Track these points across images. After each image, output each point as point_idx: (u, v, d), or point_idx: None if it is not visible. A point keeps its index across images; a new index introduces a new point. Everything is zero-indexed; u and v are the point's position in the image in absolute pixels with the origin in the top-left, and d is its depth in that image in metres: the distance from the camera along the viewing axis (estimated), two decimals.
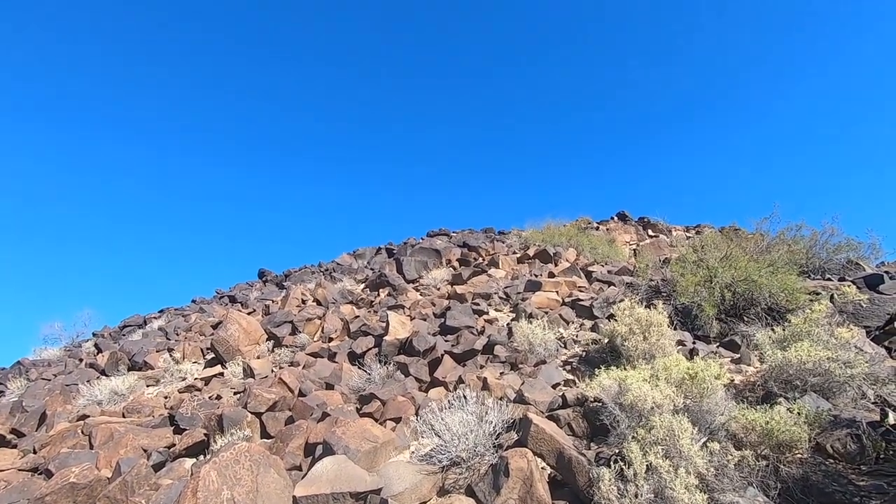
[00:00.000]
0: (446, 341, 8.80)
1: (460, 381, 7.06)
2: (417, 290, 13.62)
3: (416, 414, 6.22)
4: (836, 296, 7.92)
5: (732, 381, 6.26)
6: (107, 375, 10.68)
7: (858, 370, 5.34)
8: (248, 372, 9.18)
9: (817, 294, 8.31)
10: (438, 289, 13.37)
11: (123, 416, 7.93)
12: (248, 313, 14.14)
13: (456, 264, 15.54)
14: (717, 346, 7.57)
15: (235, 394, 8.33)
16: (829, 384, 5.38)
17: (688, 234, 19.19)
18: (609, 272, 12.59)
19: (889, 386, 5.53)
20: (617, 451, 4.46)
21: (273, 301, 15.02)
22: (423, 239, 19.39)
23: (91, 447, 6.60)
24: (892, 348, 6.72)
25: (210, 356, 10.90)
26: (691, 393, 4.81)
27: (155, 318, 17.70)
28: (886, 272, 9.98)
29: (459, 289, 11.95)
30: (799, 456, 4.56)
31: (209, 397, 8.26)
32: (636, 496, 3.67)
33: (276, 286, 19.57)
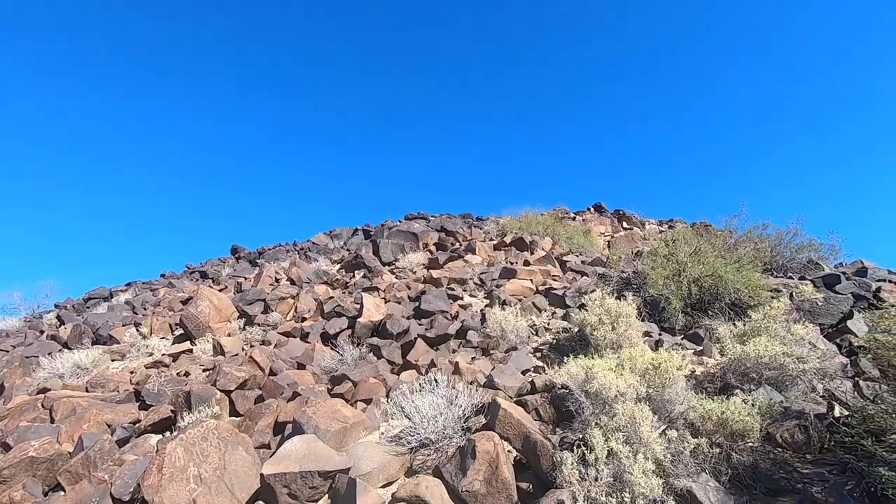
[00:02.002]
0: (420, 325, 8.85)
1: (432, 364, 7.14)
2: (393, 273, 13.61)
3: (388, 396, 6.28)
4: (794, 294, 8.27)
5: (694, 372, 6.50)
6: (69, 348, 10.39)
7: (810, 365, 5.63)
8: (219, 349, 9.07)
9: (778, 291, 8.66)
10: (414, 272, 13.39)
11: (87, 391, 7.76)
12: (220, 290, 13.90)
13: (433, 248, 15.57)
14: (682, 339, 7.85)
15: (204, 371, 8.24)
16: (783, 378, 5.66)
17: (661, 228, 19.63)
18: (583, 262, 12.82)
19: (836, 381, 5.85)
20: (581, 436, 4.61)
21: (246, 278, 14.80)
22: (401, 222, 19.32)
23: (52, 421, 6.45)
24: (842, 346, 7.09)
25: (179, 332, 10.71)
26: (654, 382, 4.99)
27: (122, 291, 17.23)
28: (843, 273, 10.46)
29: (435, 273, 12.00)
30: (750, 444, 4.80)
31: (177, 374, 8.15)
32: (596, 479, 3.82)
33: (249, 263, 19.25)
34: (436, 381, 5.65)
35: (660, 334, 7.87)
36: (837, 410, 5.19)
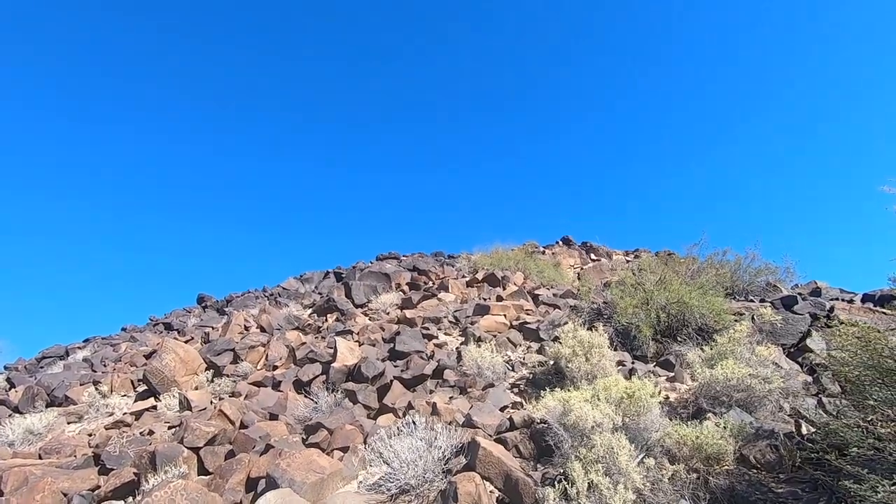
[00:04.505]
0: (395, 367, 8.74)
1: (410, 406, 7.02)
2: (366, 315, 13.47)
3: (365, 442, 6.12)
4: (755, 316, 8.62)
5: (667, 398, 6.62)
6: (21, 413, 9.73)
7: (775, 385, 5.83)
8: (185, 404, 8.68)
9: (741, 315, 9.00)
10: (388, 313, 13.29)
11: (40, 458, 7.25)
12: (186, 341, 13.40)
13: (406, 288, 15.54)
14: (654, 366, 8.00)
15: (170, 428, 7.84)
16: (751, 398, 5.83)
17: (627, 259, 20.23)
18: (555, 295, 13.02)
19: (801, 399, 6.06)
20: (561, 470, 4.60)
21: (213, 328, 14.35)
22: (372, 263, 19.27)
23: (1, 494, 5.97)
24: (803, 364, 7.38)
25: (142, 388, 10.21)
26: (629, 411, 5.07)
27: (79, 348, 16.38)
28: (800, 294, 10.98)
29: (409, 313, 11.94)
30: (726, 467, 4.88)
31: (140, 433, 7.73)
32: None
33: (216, 312, 18.70)
34: (414, 423, 5.57)
35: (633, 363, 8.01)
36: (804, 428, 5.36)
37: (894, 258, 5.93)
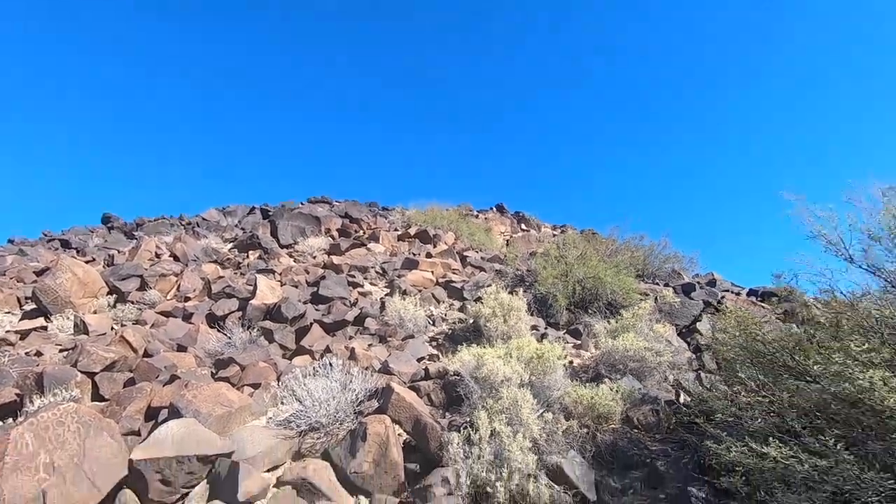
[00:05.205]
0: (317, 310, 8.65)
1: (328, 350, 7.03)
2: (291, 257, 13.09)
3: (278, 381, 6.08)
4: (658, 298, 9.44)
5: (572, 363, 7.16)
6: None
7: (665, 359, 6.50)
8: (82, 328, 8.06)
9: (646, 295, 9.82)
10: (314, 257, 13.00)
11: None
12: (87, 262, 12.29)
13: (335, 234, 15.21)
14: (565, 333, 8.57)
15: (62, 351, 7.28)
16: (643, 368, 6.47)
17: (554, 232, 21.11)
18: (482, 258, 13.38)
19: (684, 372, 6.82)
20: (469, 419, 4.89)
21: (119, 251, 13.26)
22: (302, 204, 18.56)
23: None
24: (691, 343, 8.26)
25: (31, 307, 9.32)
26: (537, 370, 5.44)
27: None
28: (698, 282, 12.16)
29: (336, 259, 11.77)
30: (613, 426, 5.44)
31: (26, 353, 7.12)
32: (479, 457, 4.09)
33: (124, 235, 17.24)
34: (331, 365, 5.60)
35: (546, 328, 8.52)
36: (682, 397, 6.07)
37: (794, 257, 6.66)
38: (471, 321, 8.09)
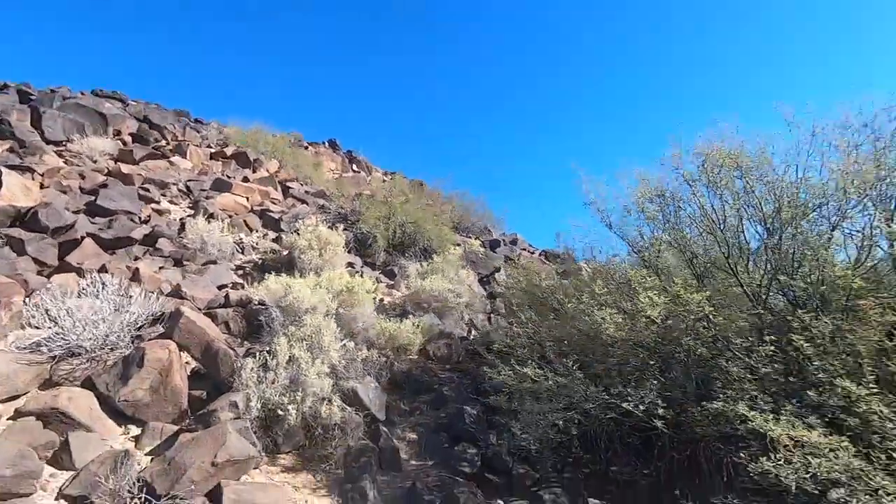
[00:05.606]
0: (93, 223, 7.20)
1: (104, 269, 5.96)
2: (62, 157, 10.52)
3: (29, 299, 4.97)
4: (467, 248, 10.38)
5: (383, 300, 7.45)
6: None
7: (464, 300, 7.24)
8: None
9: (458, 245, 10.69)
10: (96, 161, 10.68)
11: None
12: None
13: (128, 139, 12.69)
14: (380, 273, 8.83)
15: None
16: (445, 308, 7.10)
17: (385, 178, 21.19)
18: (307, 192, 12.77)
19: (479, 314, 7.72)
20: (269, 347, 4.73)
21: None
22: (83, 94, 14.94)
23: None
24: (488, 290, 9.33)
25: None
26: (346, 302, 5.53)
27: None
28: (503, 240, 13.71)
29: (126, 168, 9.89)
30: (410, 357, 5.91)
31: None
32: (274, 382, 4.03)
33: None
34: (103, 284, 4.78)
35: (362, 267, 8.65)
36: (473, 333, 6.89)
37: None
38: (285, 253, 7.73)
